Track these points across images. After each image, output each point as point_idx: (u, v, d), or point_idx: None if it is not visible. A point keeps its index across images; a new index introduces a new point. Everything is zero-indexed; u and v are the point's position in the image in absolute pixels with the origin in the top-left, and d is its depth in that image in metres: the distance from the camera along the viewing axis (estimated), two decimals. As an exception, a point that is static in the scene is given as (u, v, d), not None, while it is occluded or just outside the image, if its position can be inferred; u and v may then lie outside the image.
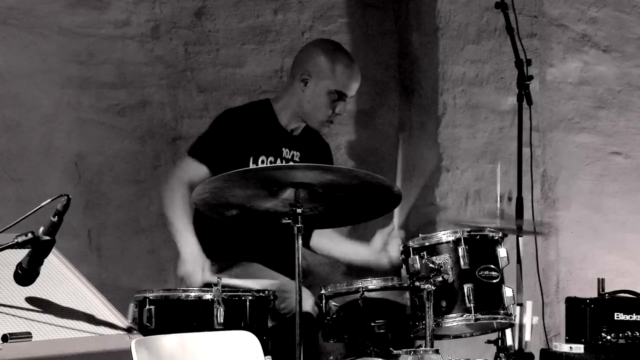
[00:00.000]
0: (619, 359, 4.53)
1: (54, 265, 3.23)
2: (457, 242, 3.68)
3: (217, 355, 2.96)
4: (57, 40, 4.66)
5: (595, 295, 4.67)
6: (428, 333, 3.49)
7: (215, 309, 3.48)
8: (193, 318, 3.54)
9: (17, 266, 3.00)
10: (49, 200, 2.98)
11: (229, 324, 3.48)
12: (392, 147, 5.36)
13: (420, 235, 3.77)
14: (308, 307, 3.83)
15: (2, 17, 4.56)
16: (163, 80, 4.89)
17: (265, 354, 3.03)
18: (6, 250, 2.98)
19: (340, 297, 3.69)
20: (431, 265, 3.61)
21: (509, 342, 4.32)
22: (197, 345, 2.96)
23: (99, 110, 4.75)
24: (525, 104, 4.65)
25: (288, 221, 3.43)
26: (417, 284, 3.56)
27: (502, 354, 4.26)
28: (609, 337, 4.55)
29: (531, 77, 4.64)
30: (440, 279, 3.58)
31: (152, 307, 3.53)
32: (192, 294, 3.58)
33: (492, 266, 3.71)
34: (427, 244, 3.71)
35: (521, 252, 4.59)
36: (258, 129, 4.28)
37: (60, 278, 3.21)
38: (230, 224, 3.93)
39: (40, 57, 4.64)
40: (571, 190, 5.51)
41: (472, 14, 5.33)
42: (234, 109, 4.40)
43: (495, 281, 3.71)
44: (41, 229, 2.97)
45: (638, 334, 4.56)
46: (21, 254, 3.01)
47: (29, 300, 3.05)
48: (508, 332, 4.29)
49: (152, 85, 4.86)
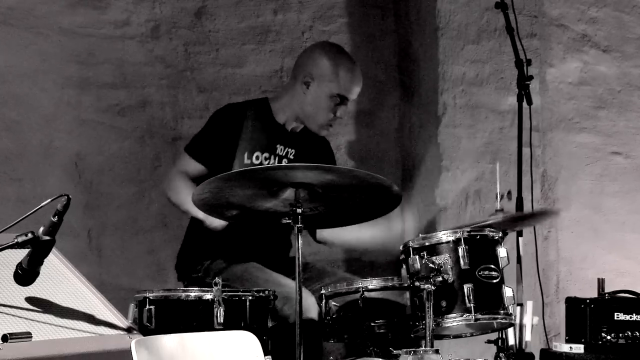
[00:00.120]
0: (619, 359, 4.53)
1: (54, 265, 3.23)
2: (457, 242, 3.68)
3: (217, 355, 2.96)
4: (57, 40, 4.67)
5: (595, 295, 4.67)
6: (428, 333, 3.49)
7: (215, 309, 3.48)
8: (193, 318, 3.53)
9: (17, 266, 3.00)
10: (49, 200, 2.98)
11: (229, 324, 3.47)
12: (392, 147, 5.36)
13: (420, 235, 3.77)
14: (313, 314, 3.81)
15: (2, 17, 4.56)
16: (163, 80, 4.89)
17: (265, 354, 3.03)
18: (6, 250, 2.98)
19: (340, 297, 3.68)
20: (431, 265, 3.60)
21: (509, 342, 4.33)
22: (197, 345, 2.96)
23: (99, 110, 4.75)
24: (525, 104, 4.65)
25: (288, 221, 3.43)
26: (417, 284, 3.56)
27: (502, 354, 4.26)
28: (609, 337, 4.54)
29: (531, 77, 4.64)
30: (440, 279, 3.57)
31: (152, 307, 3.52)
32: (192, 294, 3.58)
33: (492, 266, 3.71)
34: (427, 243, 3.71)
35: (521, 252, 4.59)
36: (253, 125, 4.28)
37: (60, 278, 3.21)
38: (231, 223, 3.94)
39: (40, 57, 4.64)
40: (571, 190, 5.51)
41: (472, 14, 5.32)
42: (232, 105, 4.40)
43: (495, 281, 3.70)
44: (41, 229, 2.97)
45: (638, 334, 4.55)
46: (21, 254, 3.01)
47: (29, 300, 3.05)
48: (508, 332, 4.29)
49: (152, 85, 4.86)
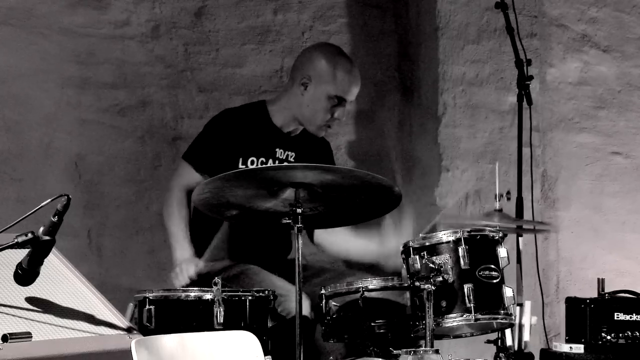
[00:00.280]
0: (619, 359, 4.53)
1: (54, 265, 3.23)
2: (457, 242, 3.68)
3: (217, 355, 2.96)
4: (57, 40, 4.66)
5: (595, 295, 4.67)
6: (428, 333, 3.49)
7: (215, 309, 3.48)
8: (193, 318, 3.53)
9: (17, 266, 3.00)
10: (49, 200, 2.98)
11: (229, 324, 3.47)
12: (392, 147, 5.36)
13: (420, 235, 3.77)
14: (305, 311, 3.81)
15: (2, 17, 4.56)
16: (163, 80, 4.89)
17: (265, 354, 3.03)
18: (6, 250, 2.98)
19: (340, 297, 3.68)
20: (431, 265, 3.60)
21: (509, 342, 4.32)
22: (197, 345, 2.96)
23: (99, 110, 4.75)
24: (525, 104, 4.65)
25: (288, 221, 3.43)
26: (417, 284, 3.56)
27: (502, 354, 4.26)
28: (609, 337, 4.54)
29: (531, 77, 4.65)
30: (441, 279, 3.57)
31: (152, 307, 3.53)
32: (192, 294, 3.58)
33: (492, 266, 3.71)
34: (427, 243, 3.71)
35: (521, 252, 4.59)
36: (249, 130, 4.27)
37: (60, 278, 3.21)
38: (229, 225, 3.94)
39: (40, 57, 4.63)
40: (571, 190, 5.51)
41: (472, 14, 5.32)
42: (229, 110, 4.39)
43: (495, 281, 3.70)
44: (41, 229, 2.97)
45: (638, 334, 4.55)
46: (21, 254, 3.01)
47: (29, 300, 3.05)
48: (508, 332, 4.28)
49: (152, 85, 4.86)
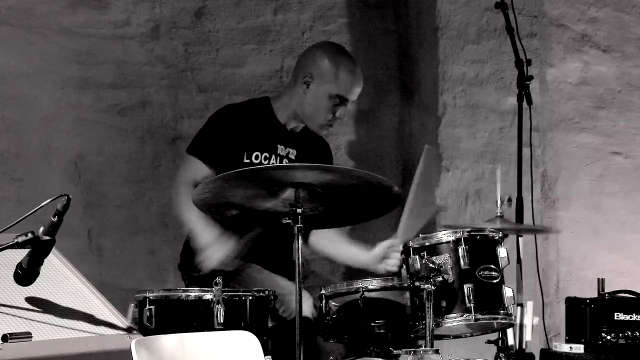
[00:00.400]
0: (619, 359, 4.53)
1: (54, 265, 3.22)
2: (457, 242, 3.68)
3: (217, 355, 2.96)
4: (57, 40, 4.66)
5: (595, 295, 4.67)
6: (428, 333, 3.49)
7: (215, 309, 3.48)
8: (193, 318, 3.53)
9: (17, 266, 3.00)
10: (49, 200, 2.98)
11: (229, 324, 3.47)
12: (392, 147, 5.36)
13: (420, 235, 3.76)
14: (307, 312, 3.81)
15: (2, 17, 4.55)
16: (163, 80, 4.88)
17: (265, 354, 3.03)
18: (6, 250, 2.98)
19: (340, 297, 3.68)
20: (431, 265, 3.60)
21: (509, 342, 4.32)
22: (197, 345, 2.96)
23: (99, 110, 4.75)
24: (525, 104, 4.65)
25: (288, 221, 3.43)
26: (417, 284, 3.56)
27: (502, 354, 4.26)
28: (609, 337, 4.54)
29: (531, 77, 4.64)
30: (441, 279, 3.57)
31: (152, 307, 3.52)
32: (192, 294, 3.58)
33: (492, 266, 3.71)
34: (427, 244, 3.71)
35: (521, 252, 4.59)
36: (254, 124, 4.28)
37: (60, 278, 3.21)
38: (231, 224, 3.94)
39: (40, 57, 4.63)
40: (571, 190, 5.51)
41: (472, 14, 5.32)
42: (233, 105, 4.40)
43: (495, 281, 3.70)
44: (41, 229, 2.97)
45: (638, 334, 4.55)
46: (21, 254, 3.01)
47: (29, 300, 3.05)
48: (508, 332, 4.29)
49: (152, 85, 4.86)
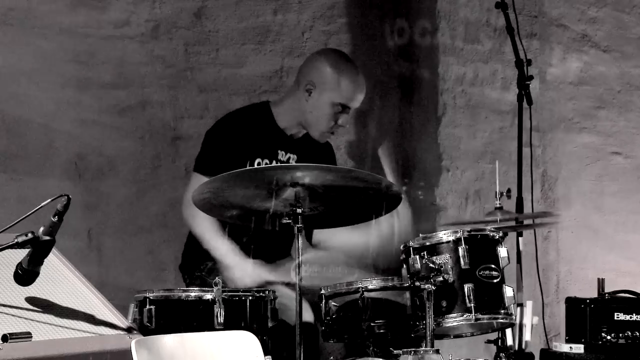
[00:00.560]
0: (619, 359, 4.53)
1: (54, 265, 3.22)
2: (457, 242, 3.67)
3: (217, 355, 2.96)
4: (57, 40, 4.66)
5: (595, 295, 4.67)
6: (428, 333, 3.48)
7: (215, 309, 3.48)
8: (193, 318, 3.53)
9: (17, 266, 2.99)
10: (49, 200, 2.98)
11: (229, 324, 3.47)
12: (392, 147, 5.36)
13: (420, 235, 3.76)
14: (307, 317, 3.80)
15: (2, 17, 4.55)
16: (163, 80, 4.88)
17: (265, 354, 3.03)
18: (6, 250, 2.98)
19: (340, 297, 3.68)
20: (431, 265, 3.60)
21: (509, 342, 4.33)
22: (197, 345, 2.96)
23: (99, 110, 4.75)
24: (525, 104, 4.65)
25: (288, 221, 3.43)
26: (417, 283, 3.56)
27: (502, 354, 4.26)
28: (609, 337, 4.54)
29: (531, 77, 4.65)
30: (441, 278, 3.57)
31: (152, 307, 3.52)
32: (192, 294, 3.58)
33: (493, 266, 3.70)
34: (427, 243, 3.70)
35: (521, 252, 4.59)
36: (254, 131, 4.26)
37: (60, 278, 3.21)
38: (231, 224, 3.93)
39: (40, 57, 4.63)
40: (571, 190, 5.51)
41: (472, 14, 5.33)
42: (232, 113, 4.36)
43: (495, 281, 3.70)
44: (41, 229, 2.97)
45: (638, 334, 4.55)
46: (21, 254, 3.01)
47: (29, 300, 3.05)
48: (508, 332, 4.29)
49: (152, 85, 4.86)
